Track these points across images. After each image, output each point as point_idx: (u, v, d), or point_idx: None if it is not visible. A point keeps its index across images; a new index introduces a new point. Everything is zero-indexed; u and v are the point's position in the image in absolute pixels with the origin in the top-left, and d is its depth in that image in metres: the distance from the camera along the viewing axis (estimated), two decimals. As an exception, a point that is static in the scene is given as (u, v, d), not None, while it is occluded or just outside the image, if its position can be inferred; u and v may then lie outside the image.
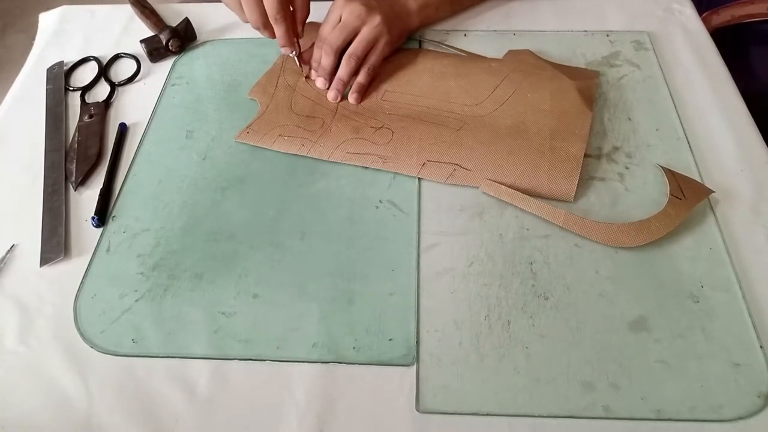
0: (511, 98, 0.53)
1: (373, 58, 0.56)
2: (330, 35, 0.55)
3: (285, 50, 0.55)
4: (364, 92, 0.56)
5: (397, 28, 0.58)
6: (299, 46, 0.56)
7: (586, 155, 0.50)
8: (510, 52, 0.59)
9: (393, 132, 0.52)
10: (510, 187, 0.47)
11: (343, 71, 0.55)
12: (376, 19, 0.55)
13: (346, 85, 0.55)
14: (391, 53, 0.58)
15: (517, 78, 0.55)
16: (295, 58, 0.57)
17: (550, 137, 0.49)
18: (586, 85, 0.54)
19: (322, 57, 0.55)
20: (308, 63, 0.58)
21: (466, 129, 0.51)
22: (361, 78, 0.55)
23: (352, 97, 0.55)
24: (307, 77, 0.57)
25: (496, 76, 0.56)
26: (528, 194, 0.47)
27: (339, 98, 0.55)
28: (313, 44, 0.58)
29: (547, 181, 0.47)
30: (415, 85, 0.56)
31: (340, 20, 0.56)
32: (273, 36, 0.55)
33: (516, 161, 0.48)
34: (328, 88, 0.56)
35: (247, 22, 0.54)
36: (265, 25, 0.53)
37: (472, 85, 0.55)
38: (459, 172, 0.49)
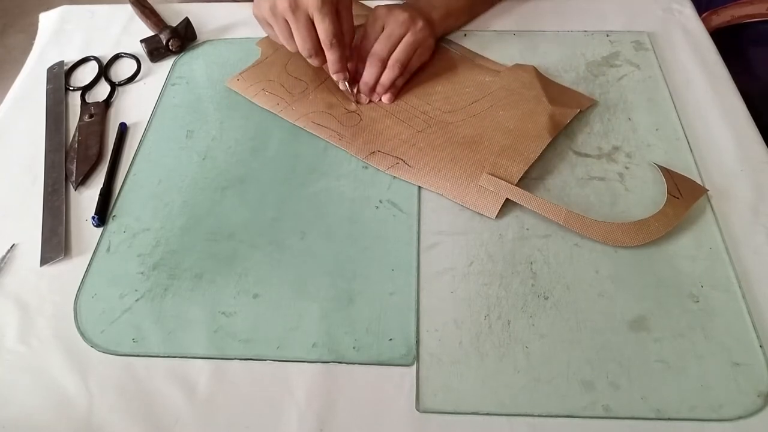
0: (484, 113, 0.54)
1: (414, 62, 0.56)
2: (376, 46, 0.54)
3: (337, 77, 0.54)
4: (399, 94, 0.56)
5: (434, 35, 0.58)
6: (349, 70, 0.54)
7: (586, 155, 0.50)
8: (515, 66, 0.58)
9: (361, 119, 0.54)
10: (443, 192, 0.48)
11: (387, 78, 0.54)
12: (419, 24, 0.54)
13: (387, 91, 0.55)
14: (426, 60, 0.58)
15: (501, 95, 0.55)
16: (346, 84, 0.54)
17: (497, 154, 0.49)
18: (563, 112, 0.52)
19: (368, 68, 0.54)
20: (356, 83, 0.56)
21: (426, 131, 0.53)
22: (400, 82, 0.55)
23: (386, 97, 0.55)
24: (358, 102, 0.55)
25: (480, 90, 0.56)
26: (456, 201, 0.48)
27: (368, 102, 0.55)
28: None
29: (476, 193, 0.47)
30: (414, 82, 0.57)
31: (382, 30, 0.54)
32: (323, 63, 0.53)
33: (455, 169, 0.49)
34: (369, 101, 0.55)
35: (296, 50, 0.53)
36: (318, 53, 0.52)
37: (455, 94, 0.56)
38: (401, 166, 0.50)
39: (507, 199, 0.47)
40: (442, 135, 0.52)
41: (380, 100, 0.55)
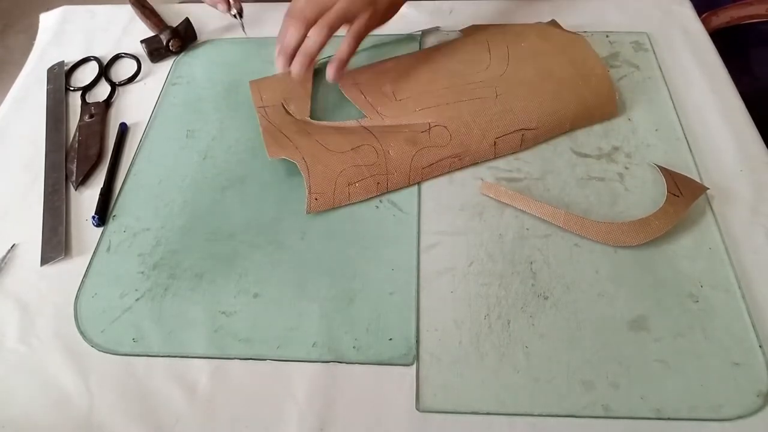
0: (510, 52, 0.55)
1: (355, 26, 0.47)
2: (301, 4, 0.47)
3: (219, 7, 0.53)
4: (343, 68, 0.49)
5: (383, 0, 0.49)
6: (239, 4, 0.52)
7: (585, 155, 0.50)
8: (462, 30, 0.61)
9: (446, 127, 0.49)
10: (570, 128, 0.51)
11: (312, 42, 0.46)
12: None
13: (314, 58, 0.47)
14: (378, 26, 0.51)
15: (498, 38, 0.57)
16: (237, 16, 0.52)
17: (573, 69, 0.52)
18: (554, 23, 0.59)
19: (288, 30, 0.47)
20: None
21: (502, 93, 0.52)
22: (343, 48, 0.47)
23: (329, 71, 0.48)
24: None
25: (478, 42, 0.57)
26: (584, 126, 0.51)
27: (302, 72, 0.47)
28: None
29: (596, 110, 0.51)
30: (415, 78, 0.55)
31: None
32: None
33: (565, 102, 0.51)
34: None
35: None
36: None
37: (468, 54, 0.56)
38: (528, 135, 0.50)
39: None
40: (517, 87, 0.52)
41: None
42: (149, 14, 0.65)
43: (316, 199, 0.47)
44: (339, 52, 0.48)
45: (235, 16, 0.52)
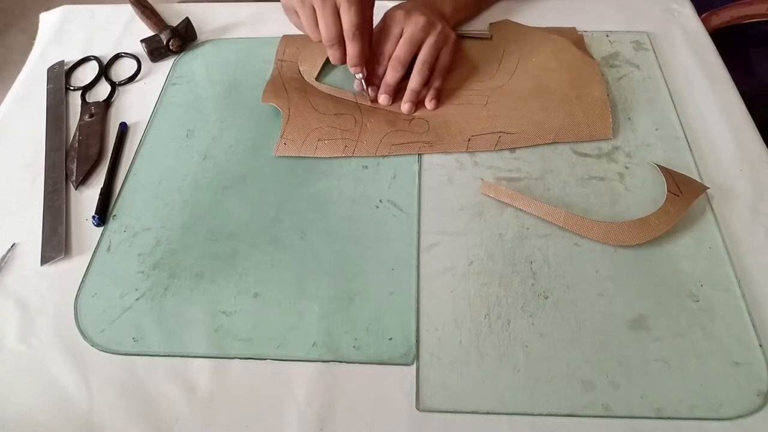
0: (518, 66, 0.56)
1: (443, 60, 0.55)
2: (398, 50, 0.54)
3: (354, 70, 0.53)
4: (442, 96, 0.55)
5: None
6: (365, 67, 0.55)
7: (585, 155, 0.50)
8: (491, 25, 0.62)
9: (427, 120, 0.53)
10: (554, 139, 0.51)
11: (416, 82, 0.54)
12: (439, 26, 0.54)
13: (419, 94, 0.55)
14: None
15: (514, 48, 0.58)
16: (363, 81, 0.54)
17: (571, 88, 0.53)
18: (576, 40, 0.59)
19: (389, 72, 0.54)
20: (372, 84, 0.55)
21: (492, 102, 0.53)
22: (437, 83, 0.55)
23: (431, 104, 0.54)
24: (373, 100, 0.55)
25: (494, 51, 0.59)
26: (572, 140, 0.51)
27: (414, 110, 0.54)
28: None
29: (585, 126, 0.51)
30: None
31: (401, 35, 0.54)
32: (342, 56, 0.52)
33: (552, 115, 0.51)
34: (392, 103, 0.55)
35: (319, 40, 0.52)
36: (340, 43, 0.51)
37: (478, 63, 0.58)
38: (504, 138, 0.51)
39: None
40: (509, 97, 0.54)
41: (428, 106, 0.55)
42: (149, 14, 0.65)
43: (284, 144, 0.52)
44: (436, 87, 0.55)
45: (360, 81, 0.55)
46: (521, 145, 0.51)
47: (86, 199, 0.50)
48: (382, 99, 0.55)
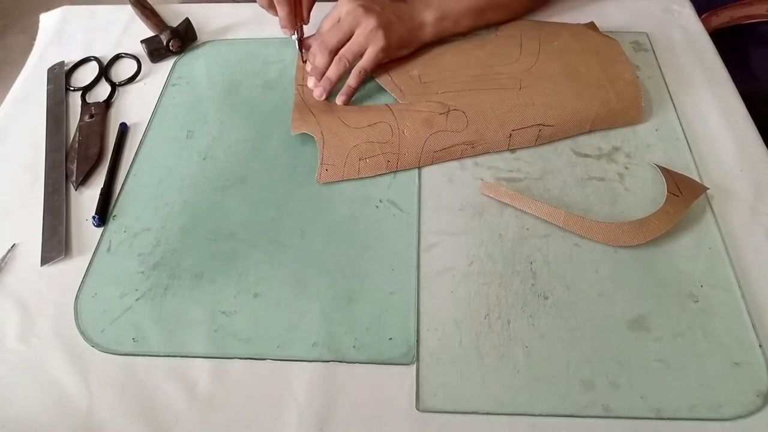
0: (541, 49, 0.55)
1: (362, 62, 0.54)
2: (326, 34, 0.55)
3: (285, 31, 0.57)
4: (352, 95, 0.55)
5: (396, 35, 0.55)
6: (302, 30, 0.57)
7: (585, 155, 0.50)
8: (503, 27, 0.62)
9: (464, 113, 0.51)
10: (590, 129, 0.51)
11: (331, 72, 0.54)
12: (370, 23, 0.53)
13: (334, 85, 0.55)
14: (388, 59, 0.56)
15: (532, 34, 0.57)
16: (296, 41, 0.57)
17: (601, 70, 0.52)
18: (591, 25, 0.59)
19: (317, 55, 0.55)
20: (308, 50, 0.58)
21: (525, 86, 0.52)
22: (350, 81, 0.55)
23: (339, 99, 0.55)
24: (305, 61, 0.58)
25: (512, 36, 0.58)
26: (605, 128, 0.51)
27: (324, 96, 0.55)
28: (313, 35, 0.59)
29: (620, 114, 0.51)
30: (443, 63, 0.57)
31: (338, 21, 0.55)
32: (275, 14, 0.56)
33: (587, 103, 0.51)
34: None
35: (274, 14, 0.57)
36: (270, 4, 0.56)
37: (499, 47, 0.57)
38: (545, 131, 0.50)
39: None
40: (542, 81, 0.52)
41: (338, 101, 0.55)
42: (149, 14, 0.65)
43: (326, 170, 0.49)
44: (348, 85, 0.55)
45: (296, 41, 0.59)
46: (561, 138, 0.51)
47: (86, 199, 0.50)
48: (309, 82, 0.57)
